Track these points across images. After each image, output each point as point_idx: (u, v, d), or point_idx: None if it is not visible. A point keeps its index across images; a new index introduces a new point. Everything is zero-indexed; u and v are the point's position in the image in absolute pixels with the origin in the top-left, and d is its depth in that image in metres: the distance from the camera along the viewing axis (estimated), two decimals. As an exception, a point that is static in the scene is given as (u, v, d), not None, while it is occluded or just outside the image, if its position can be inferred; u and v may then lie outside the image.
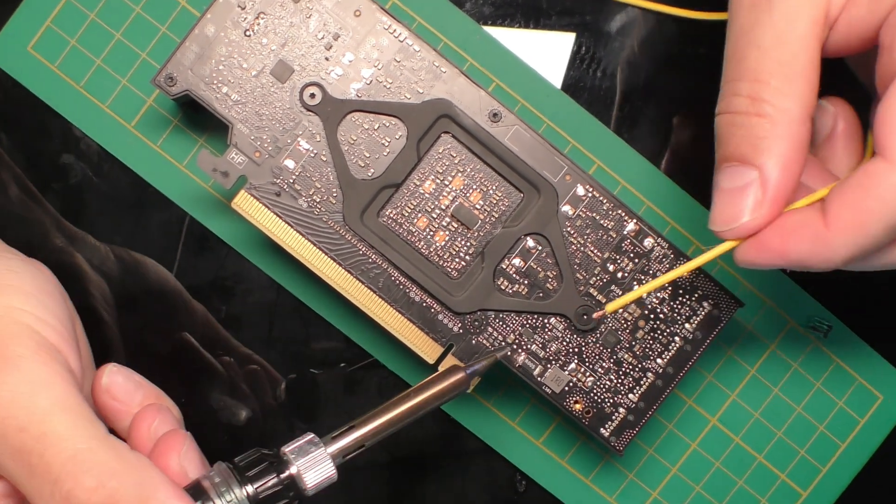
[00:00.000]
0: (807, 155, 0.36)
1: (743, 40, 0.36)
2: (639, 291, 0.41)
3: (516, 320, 0.44)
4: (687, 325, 0.44)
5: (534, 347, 0.44)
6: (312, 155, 0.43)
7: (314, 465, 0.37)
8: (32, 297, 0.37)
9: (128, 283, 0.49)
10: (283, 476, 0.37)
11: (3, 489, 0.36)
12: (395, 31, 0.43)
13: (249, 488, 0.36)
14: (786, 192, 0.36)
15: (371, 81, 0.43)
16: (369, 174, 0.43)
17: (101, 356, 0.42)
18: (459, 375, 0.40)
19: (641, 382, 0.44)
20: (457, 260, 0.44)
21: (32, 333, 0.36)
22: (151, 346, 0.49)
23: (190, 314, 0.49)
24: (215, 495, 0.36)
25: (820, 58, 0.36)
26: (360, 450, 0.38)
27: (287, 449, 0.37)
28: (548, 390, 0.44)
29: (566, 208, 0.44)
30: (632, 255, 0.44)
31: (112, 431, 0.37)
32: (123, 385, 0.40)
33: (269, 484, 0.36)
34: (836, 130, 0.40)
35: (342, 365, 0.49)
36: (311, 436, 0.38)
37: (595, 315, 0.43)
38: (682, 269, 0.40)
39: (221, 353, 0.49)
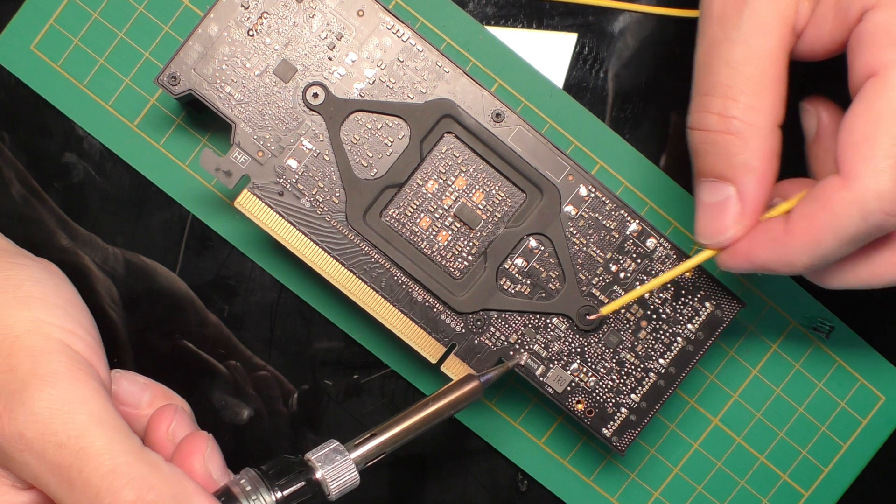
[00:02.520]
0: (779, 162, 0.37)
1: (713, 54, 0.37)
2: (632, 295, 0.42)
3: (519, 320, 0.44)
4: (689, 326, 0.44)
5: (536, 347, 0.44)
6: (315, 154, 0.43)
7: (339, 472, 0.38)
8: (59, 309, 0.37)
9: (135, 285, 0.49)
10: (310, 483, 0.37)
11: (34, 499, 0.36)
12: (398, 30, 0.43)
13: (278, 494, 0.36)
14: (763, 202, 0.38)
15: (374, 81, 0.43)
16: (372, 174, 0.43)
17: (109, 355, 0.42)
18: (474, 384, 0.41)
19: (643, 382, 0.44)
20: (459, 260, 0.44)
21: (64, 348, 0.36)
22: (157, 346, 0.49)
23: (202, 319, 0.49)
24: (245, 501, 0.36)
25: (787, 67, 0.37)
26: (380, 456, 0.39)
27: (312, 456, 0.38)
28: (550, 390, 0.44)
29: (569, 208, 0.44)
30: (634, 255, 0.44)
31: None
32: (129, 388, 0.40)
33: (297, 490, 0.37)
34: (820, 129, 0.41)
35: (355, 377, 0.49)
36: (335, 443, 0.38)
37: (591, 317, 0.43)
38: (670, 275, 0.42)
39: (229, 359, 0.49)
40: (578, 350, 0.44)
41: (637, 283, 0.44)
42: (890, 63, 0.33)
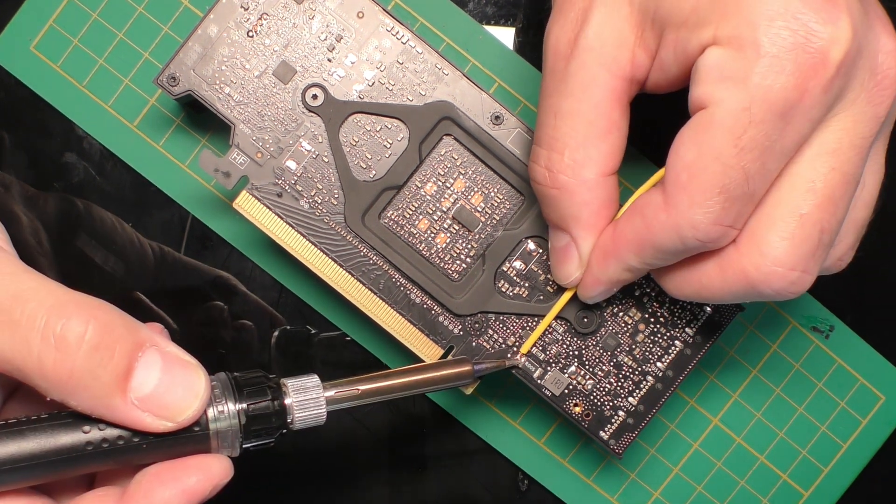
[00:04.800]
0: (614, 207, 0.39)
1: (544, 105, 0.38)
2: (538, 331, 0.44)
3: (517, 322, 0.44)
4: (687, 329, 0.44)
5: (534, 350, 0.44)
6: (314, 156, 0.43)
7: (309, 403, 0.37)
8: None
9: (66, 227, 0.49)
10: (276, 404, 0.37)
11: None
12: (397, 32, 0.43)
13: (243, 405, 0.36)
14: (592, 246, 0.39)
15: (373, 83, 0.43)
16: (371, 176, 0.43)
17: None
18: (466, 367, 0.41)
19: (641, 386, 0.44)
20: (458, 262, 0.44)
21: None
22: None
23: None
24: (212, 404, 0.36)
25: (624, 113, 0.37)
26: (353, 403, 0.39)
27: (288, 382, 0.37)
28: (547, 393, 0.44)
29: (567, 211, 0.43)
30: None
31: None
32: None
33: (262, 406, 0.36)
34: None
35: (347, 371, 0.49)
36: (314, 378, 0.38)
37: (518, 360, 0.44)
38: (548, 319, 0.44)
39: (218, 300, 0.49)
40: (576, 353, 0.44)
41: (635, 287, 0.44)
42: (718, 100, 0.34)
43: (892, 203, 0.49)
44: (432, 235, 0.44)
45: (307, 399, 0.37)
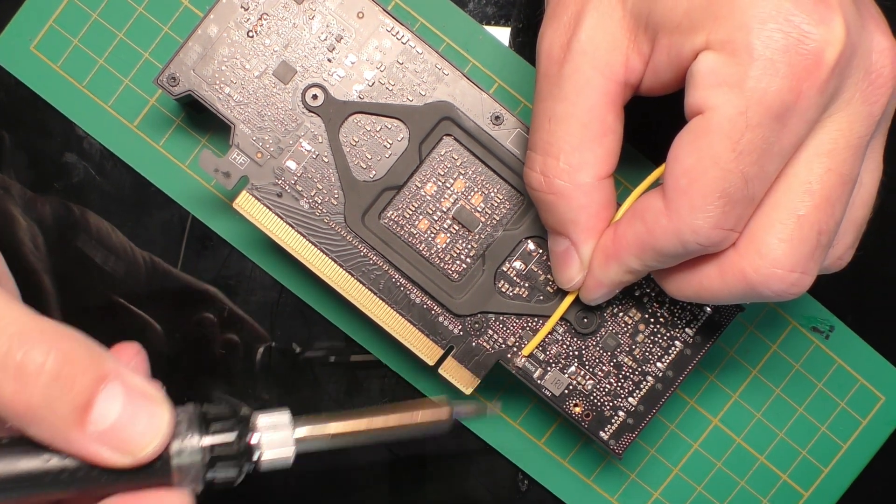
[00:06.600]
0: (612, 209, 0.39)
1: (538, 109, 0.38)
2: (544, 330, 0.44)
3: (517, 323, 0.44)
4: (687, 330, 0.44)
5: (534, 350, 0.44)
6: (314, 156, 0.43)
7: (276, 443, 0.35)
8: None
9: (62, 232, 0.49)
10: (241, 443, 0.35)
11: None
12: (397, 32, 0.43)
13: (207, 442, 0.34)
14: (593, 249, 0.39)
15: (373, 83, 0.43)
16: (371, 176, 0.43)
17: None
18: (444, 416, 0.38)
19: (641, 386, 0.44)
20: (458, 262, 0.44)
21: None
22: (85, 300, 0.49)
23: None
24: (178, 438, 0.34)
25: (619, 116, 0.37)
26: (325, 446, 0.36)
27: (259, 419, 0.35)
28: (547, 393, 0.44)
29: (567, 211, 0.43)
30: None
31: None
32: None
33: (226, 444, 0.34)
34: None
35: (345, 366, 0.49)
36: (287, 415, 0.36)
37: (519, 360, 0.44)
38: (550, 324, 0.44)
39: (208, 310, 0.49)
40: (576, 353, 0.44)
41: (635, 287, 0.44)
42: (714, 106, 0.34)
43: (891, 202, 0.49)
44: (432, 235, 0.44)
45: (275, 439, 0.35)
